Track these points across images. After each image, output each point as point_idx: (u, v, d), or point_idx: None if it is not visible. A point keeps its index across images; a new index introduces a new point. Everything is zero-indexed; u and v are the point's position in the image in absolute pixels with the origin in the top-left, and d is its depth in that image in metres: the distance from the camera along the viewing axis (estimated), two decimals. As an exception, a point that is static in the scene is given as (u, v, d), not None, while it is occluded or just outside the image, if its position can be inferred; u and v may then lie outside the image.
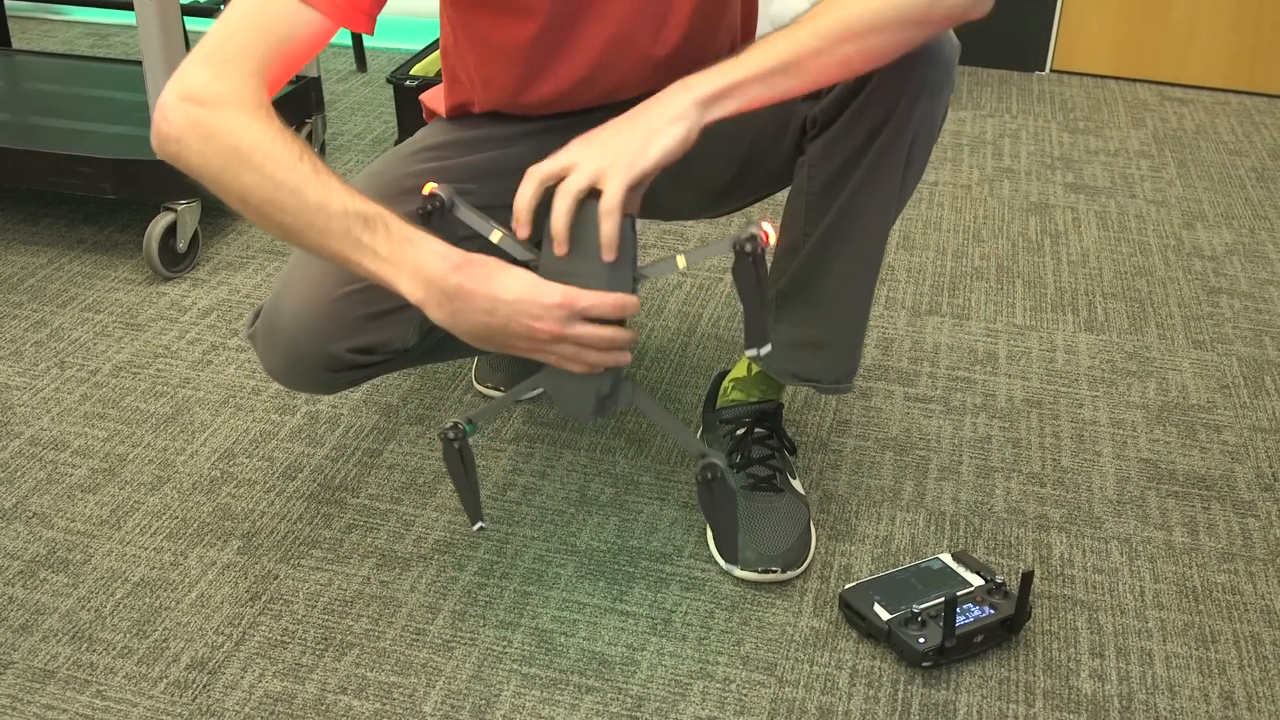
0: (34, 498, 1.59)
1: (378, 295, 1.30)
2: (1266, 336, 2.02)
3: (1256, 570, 1.52)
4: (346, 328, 1.30)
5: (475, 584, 1.46)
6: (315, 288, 1.30)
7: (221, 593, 1.44)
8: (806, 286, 1.40)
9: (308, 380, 1.34)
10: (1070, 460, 1.70)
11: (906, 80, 1.26)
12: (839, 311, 1.41)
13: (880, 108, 1.28)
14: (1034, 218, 2.41)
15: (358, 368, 1.33)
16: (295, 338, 1.30)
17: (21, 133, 2.20)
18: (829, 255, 1.37)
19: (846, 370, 1.46)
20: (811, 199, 1.36)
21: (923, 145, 1.32)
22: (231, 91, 1.14)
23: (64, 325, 1.97)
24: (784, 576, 1.46)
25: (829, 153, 1.32)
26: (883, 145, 1.29)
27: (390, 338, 1.33)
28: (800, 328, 1.43)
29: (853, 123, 1.30)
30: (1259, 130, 2.89)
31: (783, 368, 1.48)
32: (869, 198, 1.33)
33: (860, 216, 1.34)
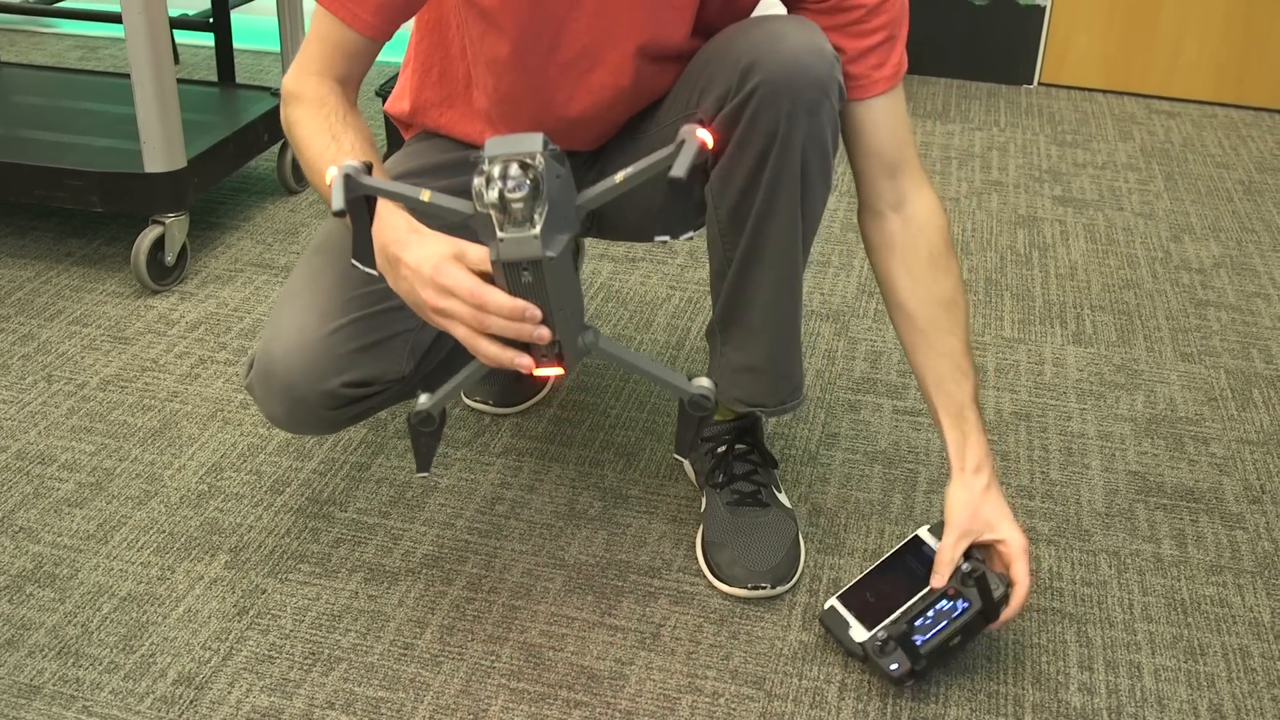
0: (20, 512, 1.59)
1: (367, 327, 1.31)
2: (1254, 349, 2.03)
3: (1245, 583, 1.52)
4: (340, 363, 1.30)
5: (463, 598, 1.45)
6: (303, 328, 1.30)
7: (209, 607, 1.44)
8: (736, 312, 1.40)
9: (310, 422, 1.34)
10: (1059, 473, 1.71)
11: (781, 103, 1.25)
12: (768, 334, 1.40)
13: (761, 134, 1.27)
14: (1022, 230, 2.41)
15: (356, 402, 1.33)
16: (290, 381, 1.30)
17: (10, 145, 2.19)
18: (749, 281, 1.37)
19: (789, 390, 1.45)
20: (723, 226, 1.36)
21: (817, 164, 1.30)
22: (302, 88, 1.29)
23: (51, 338, 1.97)
24: (773, 593, 1.46)
25: (727, 180, 1.32)
26: (774, 170, 1.29)
27: (385, 368, 1.33)
28: (738, 352, 1.43)
29: (740, 150, 1.29)
30: (1246, 143, 2.90)
31: (729, 395, 1.47)
32: (772, 221, 1.33)
33: (768, 241, 1.34)
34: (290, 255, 2.24)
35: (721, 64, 1.29)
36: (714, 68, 1.31)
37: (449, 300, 1.10)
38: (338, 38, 1.29)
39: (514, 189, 1.03)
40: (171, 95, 2.01)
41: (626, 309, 2.09)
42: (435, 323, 1.13)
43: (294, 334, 1.30)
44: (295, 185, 2.49)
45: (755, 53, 1.26)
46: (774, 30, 1.27)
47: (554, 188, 1.05)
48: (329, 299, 1.32)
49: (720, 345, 1.45)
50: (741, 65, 1.26)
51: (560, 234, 1.06)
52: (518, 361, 1.10)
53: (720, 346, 1.45)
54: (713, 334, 1.46)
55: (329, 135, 1.24)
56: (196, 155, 2.12)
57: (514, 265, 1.06)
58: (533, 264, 1.05)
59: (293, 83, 1.30)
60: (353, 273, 1.31)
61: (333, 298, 1.32)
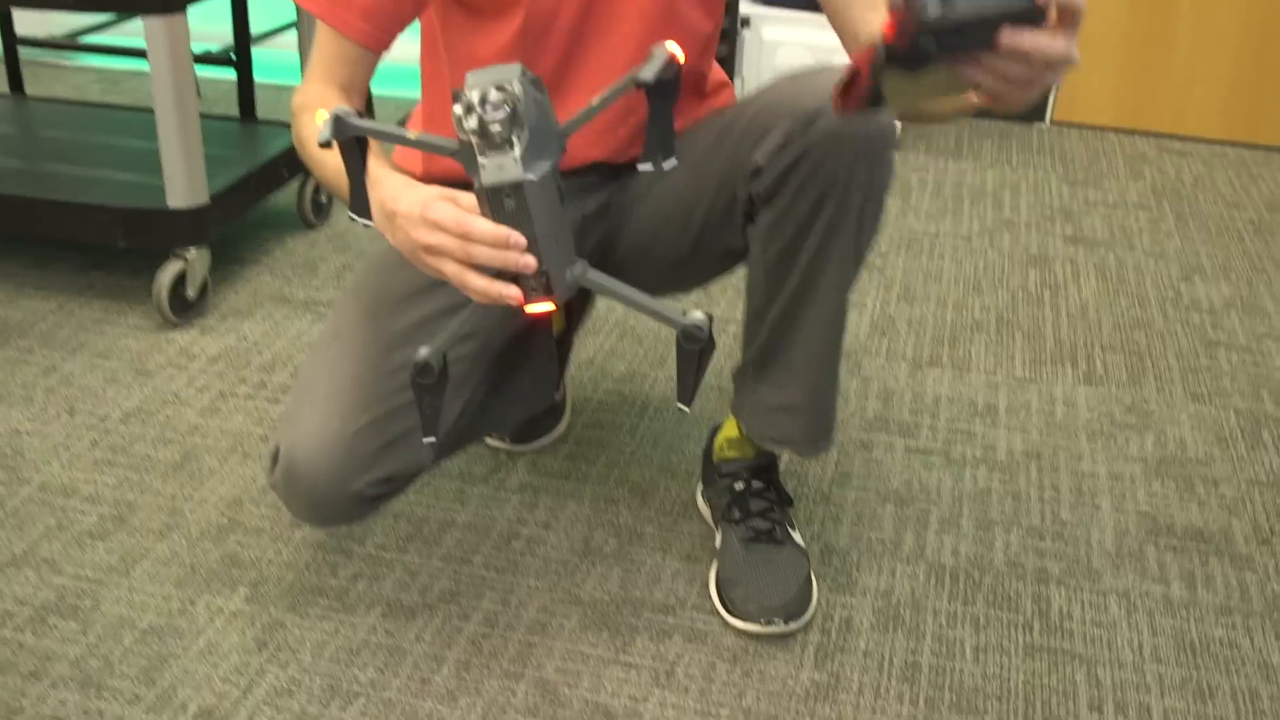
0: (44, 544, 1.61)
1: (388, 423, 1.33)
2: (1264, 390, 2.04)
3: (1254, 624, 1.53)
4: (364, 464, 1.32)
5: (480, 634, 1.47)
6: (324, 431, 1.31)
7: (229, 640, 1.46)
8: (776, 352, 1.42)
9: (335, 519, 1.36)
10: (1069, 513, 1.72)
11: (844, 149, 1.28)
12: (809, 376, 1.43)
13: (822, 178, 1.30)
14: (1034, 269, 2.43)
15: (380, 497, 1.36)
16: (315, 485, 1.32)
17: (34, 180, 2.23)
18: (793, 321, 1.40)
19: (822, 432, 1.48)
20: (769, 268, 1.38)
21: (872, 209, 1.33)
22: (306, 98, 1.34)
23: (74, 371, 1.99)
24: (787, 629, 1.47)
25: (779, 224, 1.35)
26: (831, 214, 1.32)
27: (408, 462, 1.36)
28: (774, 392, 1.45)
29: (797, 195, 1.32)
30: (1256, 182, 2.93)
31: (762, 433, 1.49)
32: (824, 264, 1.35)
33: (818, 283, 1.37)
34: (309, 290, 2.26)
35: (784, 109, 1.32)
36: (775, 113, 1.33)
37: (437, 235, 1.10)
38: (335, 48, 1.34)
39: (492, 113, 1.05)
40: (195, 132, 2.04)
41: (642, 346, 2.12)
42: (427, 265, 1.14)
43: (316, 438, 1.31)
44: (314, 220, 2.52)
45: (820, 100, 1.29)
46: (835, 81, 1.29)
47: (532, 113, 1.06)
48: (349, 397, 1.33)
49: (754, 384, 1.47)
50: (807, 111, 1.29)
51: (542, 159, 1.08)
52: (506, 294, 1.10)
53: (753, 385, 1.47)
54: (744, 373, 1.49)
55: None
56: (219, 191, 2.15)
57: (497, 191, 1.07)
58: (514, 189, 1.06)
59: (298, 96, 1.35)
60: (371, 364, 1.34)
61: (353, 395, 1.33)
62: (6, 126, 2.53)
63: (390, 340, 1.36)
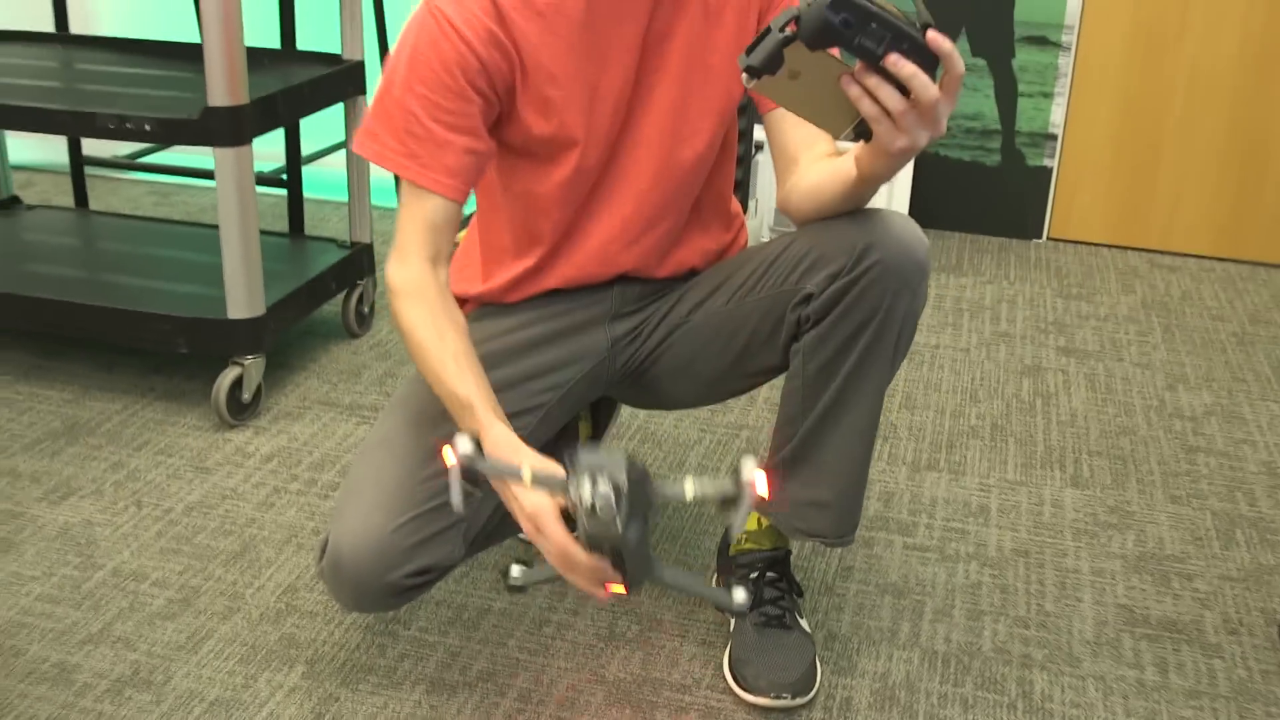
0: (118, 623, 1.78)
1: (426, 521, 1.51)
2: (1239, 492, 2.20)
3: (1220, 706, 1.68)
4: (402, 557, 1.49)
5: (515, 709, 1.63)
6: (368, 527, 1.49)
7: (288, 712, 1.61)
8: (809, 455, 1.60)
9: (375, 606, 1.54)
10: (1053, 605, 1.88)
11: (890, 281, 1.48)
12: (840, 476, 1.60)
13: (867, 306, 1.49)
14: (1027, 379, 2.61)
15: (416, 588, 1.53)
16: (358, 575, 1.49)
17: (101, 289, 2.43)
18: (828, 429, 1.58)
19: (849, 526, 1.65)
20: (808, 381, 1.56)
21: (907, 333, 1.53)
22: (408, 281, 1.49)
23: (140, 467, 2.17)
24: (794, 703, 1.63)
25: (822, 344, 1.53)
26: (871, 337, 1.51)
27: (441, 557, 1.53)
28: (806, 489, 1.62)
29: (843, 318, 1.51)
30: (1241, 296, 3.10)
31: (791, 525, 1.66)
32: (862, 379, 1.54)
33: (854, 396, 1.55)
34: (354, 394, 2.45)
35: (834, 245, 1.51)
36: (825, 248, 1.52)
37: (541, 540, 1.38)
38: (425, 209, 1.49)
39: (601, 499, 1.28)
40: (255, 250, 2.24)
41: (661, 449, 2.29)
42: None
43: (360, 532, 1.49)
44: (358, 330, 2.71)
45: (870, 237, 1.49)
46: (883, 219, 1.51)
47: (635, 493, 1.30)
48: (391, 497, 1.51)
49: (784, 482, 1.64)
50: (859, 248, 1.48)
51: (636, 520, 1.31)
52: (597, 595, 1.39)
53: (783, 483, 1.64)
54: (773, 472, 1.66)
55: (435, 332, 1.46)
56: (273, 302, 2.35)
57: (596, 541, 1.31)
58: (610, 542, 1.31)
59: (394, 276, 1.50)
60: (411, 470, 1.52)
61: (394, 496, 1.51)
62: (75, 239, 2.74)
63: (430, 449, 1.53)
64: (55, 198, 3.56)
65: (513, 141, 1.55)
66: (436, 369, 1.46)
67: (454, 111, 1.45)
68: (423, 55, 1.45)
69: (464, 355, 1.46)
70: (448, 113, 1.45)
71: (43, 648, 1.72)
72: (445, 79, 1.44)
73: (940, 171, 3.46)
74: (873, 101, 1.28)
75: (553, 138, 1.53)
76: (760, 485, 1.28)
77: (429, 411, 1.56)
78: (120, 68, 2.61)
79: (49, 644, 1.73)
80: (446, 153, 1.47)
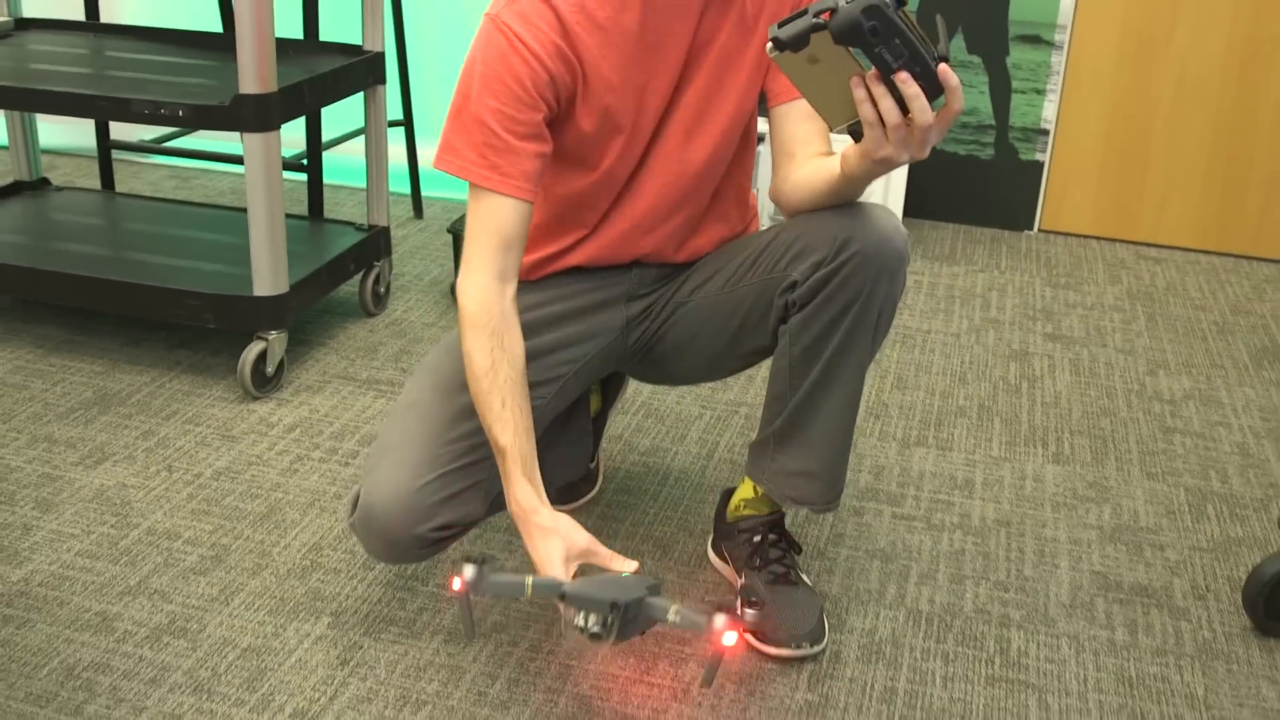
0: (154, 577, 1.90)
1: (451, 480, 1.64)
2: (1212, 471, 2.32)
3: (1185, 664, 1.80)
4: (428, 512, 1.62)
5: (527, 657, 1.75)
6: (397, 482, 1.61)
7: (316, 658, 1.74)
8: (797, 429, 1.72)
9: (403, 558, 1.66)
10: (1032, 570, 2.00)
11: (869, 270, 1.60)
12: (826, 448, 1.72)
13: (849, 292, 1.61)
14: (1014, 363, 2.73)
15: (440, 541, 1.65)
16: (387, 528, 1.61)
17: (133, 267, 2.55)
18: (814, 405, 1.70)
19: (835, 494, 1.77)
20: (794, 361, 1.68)
21: (886, 317, 1.65)
22: (473, 305, 1.58)
23: (169, 435, 2.29)
24: (812, 651, 1.76)
25: (807, 326, 1.65)
26: (853, 321, 1.63)
27: (465, 513, 1.65)
28: (794, 460, 1.74)
29: (826, 303, 1.63)
30: (1224, 287, 3.22)
31: (781, 494, 1.78)
32: (844, 359, 1.66)
33: (837, 375, 1.67)
34: (371, 370, 2.57)
35: (817, 236, 1.63)
36: (809, 239, 1.64)
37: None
38: (501, 214, 1.58)
39: (592, 625, 1.44)
40: (280, 230, 2.36)
41: (663, 424, 2.41)
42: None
43: (390, 487, 1.61)
44: (374, 309, 2.83)
45: (851, 229, 1.60)
46: (865, 212, 1.62)
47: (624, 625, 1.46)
48: (419, 456, 1.63)
49: (774, 454, 1.76)
50: (840, 239, 1.60)
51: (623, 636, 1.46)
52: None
53: (774, 454, 1.76)
54: (764, 444, 1.77)
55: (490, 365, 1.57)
56: (295, 281, 2.47)
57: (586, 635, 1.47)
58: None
59: (463, 295, 1.58)
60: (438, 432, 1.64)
61: (422, 455, 1.63)
62: (104, 219, 2.85)
63: (455, 414, 1.65)
64: (79, 180, 3.68)
65: (565, 140, 1.66)
66: (483, 408, 1.57)
67: (525, 122, 1.56)
68: (494, 71, 1.55)
69: (511, 398, 1.57)
70: (521, 124, 1.56)
71: (84, 599, 1.84)
72: (518, 92, 1.55)
73: (936, 164, 3.59)
74: (872, 108, 1.41)
75: (602, 135, 1.65)
76: (728, 639, 1.43)
77: (456, 379, 1.67)
78: (149, 55, 2.72)
79: (90, 595, 1.85)
80: (522, 160, 1.57)
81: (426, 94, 3.79)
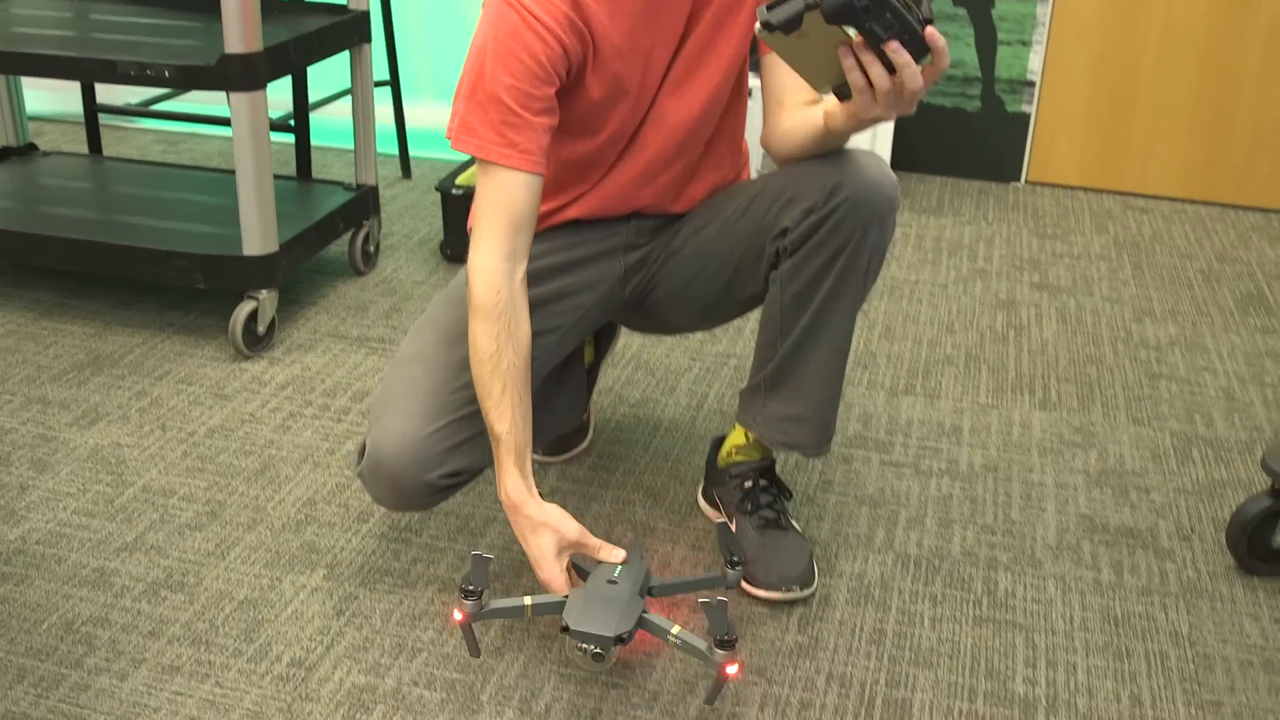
0: (150, 534, 1.91)
1: (458, 428, 1.66)
2: (1197, 415, 2.34)
3: (1170, 603, 1.83)
4: (437, 460, 1.64)
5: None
6: (405, 431, 1.63)
7: (312, 609, 1.76)
8: (788, 374, 1.74)
9: (412, 505, 1.68)
10: (1019, 514, 2.02)
11: (859, 216, 1.61)
12: (817, 393, 1.74)
13: (839, 238, 1.63)
14: (1001, 313, 2.74)
15: (448, 488, 1.68)
16: (396, 475, 1.63)
17: (124, 230, 2.55)
18: (805, 351, 1.71)
19: (826, 438, 1.79)
20: (785, 307, 1.70)
21: (876, 262, 1.67)
22: (481, 289, 1.58)
23: (162, 395, 2.31)
24: (802, 594, 1.78)
25: (797, 272, 1.67)
26: (843, 266, 1.64)
27: (472, 460, 1.67)
28: (786, 405, 1.76)
29: (817, 249, 1.65)
30: (1210, 235, 3.24)
31: (773, 438, 1.80)
32: (835, 304, 1.68)
33: (828, 320, 1.69)
34: (362, 328, 2.58)
35: (807, 183, 1.65)
36: (799, 186, 1.66)
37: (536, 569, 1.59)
38: (511, 195, 1.57)
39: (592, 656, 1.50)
40: (268, 189, 2.37)
41: (653, 377, 2.43)
42: None
43: (398, 436, 1.63)
44: (364, 268, 2.84)
45: (840, 176, 1.62)
46: (853, 159, 1.64)
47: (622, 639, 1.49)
48: (427, 405, 1.65)
49: (765, 399, 1.78)
50: (829, 185, 1.62)
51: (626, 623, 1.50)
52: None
53: (765, 400, 1.78)
54: (755, 390, 1.79)
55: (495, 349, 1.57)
56: (285, 241, 2.47)
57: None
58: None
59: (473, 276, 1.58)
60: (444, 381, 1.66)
61: (429, 403, 1.65)
62: (93, 183, 2.86)
63: (460, 362, 1.67)
64: (66, 146, 3.67)
65: (573, 108, 1.66)
66: (482, 392, 1.59)
67: (540, 97, 1.56)
68: (508, 47, 1.54)
69: (512, 384, 1.58)
70: (536, 99, 1.56)
71: (82, 555, 1.86)
72: (534, 68, 1.55)
73: (922, 117, 3.59)
74: (862, 75, 1.43)
75: (609, 100, 1.66)
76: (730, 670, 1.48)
77: (459, 327, 1.69)
78: (134, 18, 2.72)
79: (87, 552, 1.87)
80: (538, 134, 1.57)
81: (412, 53, 3.79)
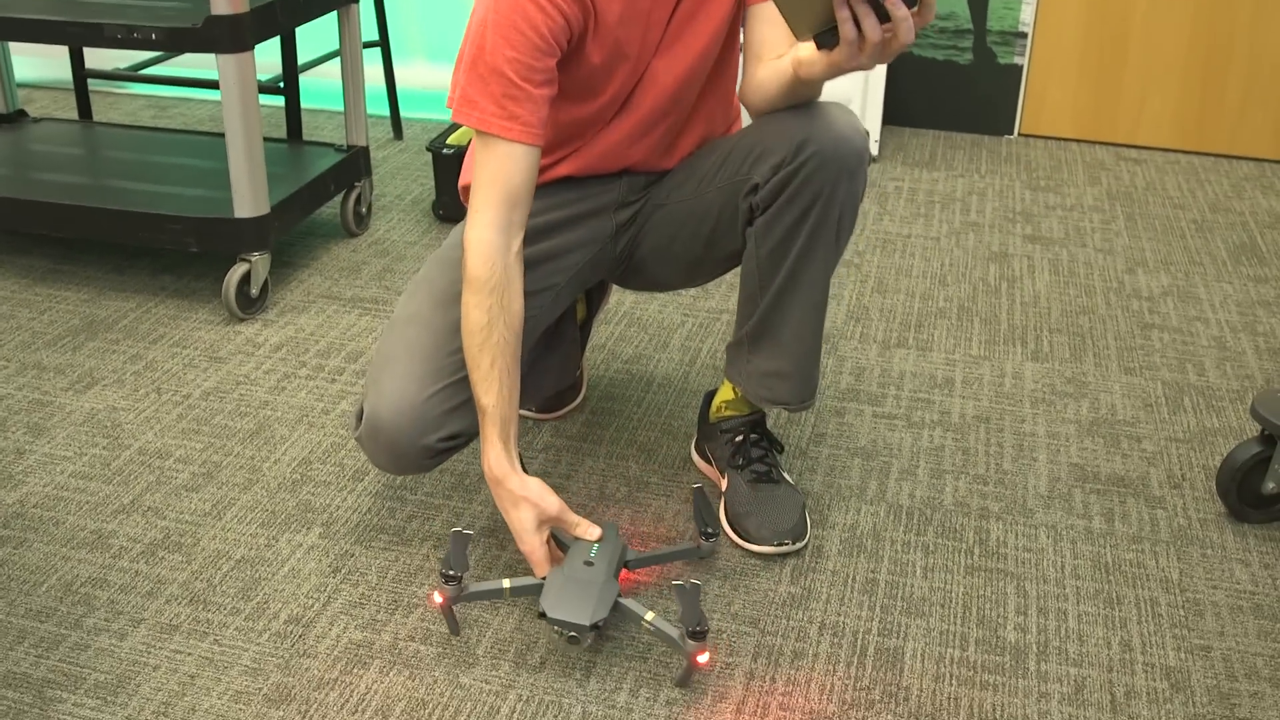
0: (147, 495, 1.93)
1: (456, 390, 1.66)
2: (1189, 364, 2.35)
3: (1160, 550, 1.84)
4: (435, 423, 1.64)
5: (515, 560, 1.79)
6: (403, 394, 1.64)
7: (309, 567, 1.77)
8: (768, 330, 1.74)
9: (410, 468, 1.68)
10: (1011, 464, 2.03)
11: (829, 170, 1.61)
12: (796, 347, 1.75)
13: (810, 193, 1.63)
14: (994, 265, 2.75)
15: (447, 451, 1.68)
16: (395, 439, 1.64)
17: (115, 195, 2.55)
18: (782, 307, 1.72)
19: (809, 392, 1.80)
20: (761, 263, 1.70)
21: (849, 216, 1.66)
22: (475, 261, 1.59)
23: (157, 358, 2.31)
24: (795, 547, 1.79)
25: (770, 228, 1.67)
26: (815, 222, 1.65)
27: (470, 423, 1.68)
28: (767, 361, 1.77)
29: (788, 205, 1.65)
30: (1202, 186, 3.24)
31: (756, 394, 1.81)
32: (809, 260, 1.68)
33: (804, 275, 1.69)
34: (355, 289, 2.59)
35: (777, 138, 1.64)
36: (769, 141, 1.66)
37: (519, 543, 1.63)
38: (509, 168, 1.57)
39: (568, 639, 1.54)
40: (259, 152, 2.37)
41: (646, 333, 2.43)
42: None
43: (396, 399, 1.64)
44: (356, 229, 2.84)
45: (808, 130, 1.62)
46: (823, 111, 1.63)
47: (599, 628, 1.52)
48: (423, 367, 1.65)
49: (749, 355, 1.79)
50: (797, 140, 1.62)
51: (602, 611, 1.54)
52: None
53: (748, 356, 1.79)
54: (739, 346, 1.80)
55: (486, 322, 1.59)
56: (276, 203, 2.47)
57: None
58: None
59: (469, 250, 1.59)
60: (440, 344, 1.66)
61: (426, 366, 1.65)
62: (84, 149, 2.85)
63: (455, 325, 1.67)
64: (56, 113, 3.66)
65: (573, 74, 1.66)
66: (471, 363, 1.60)
67: (541, 69, 1.56)
68: (509, 19, 1.53)
69: (501, 358, 1.59)
70: (538, 71, 1.56)
71: (79, 518, 1.87)
72: (535, 40, 1.54)
73: (914, 70, 3.58)
74: (854, 26, 1.42)
75: (609, 66, 1.65)
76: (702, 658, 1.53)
77: (453, 289, 1.69)
78: (121, -19, 2.71)
79: (85, 514, 1.88)
80: (539, 106, 1.57)
81: (401, 14, 3.77)
